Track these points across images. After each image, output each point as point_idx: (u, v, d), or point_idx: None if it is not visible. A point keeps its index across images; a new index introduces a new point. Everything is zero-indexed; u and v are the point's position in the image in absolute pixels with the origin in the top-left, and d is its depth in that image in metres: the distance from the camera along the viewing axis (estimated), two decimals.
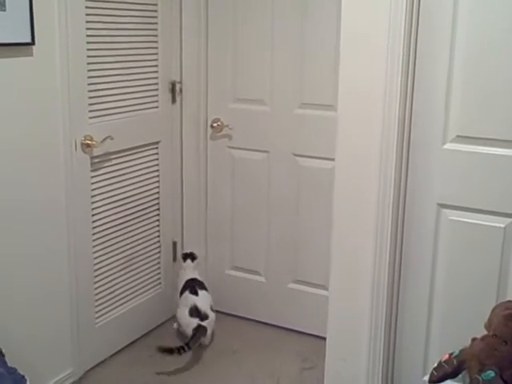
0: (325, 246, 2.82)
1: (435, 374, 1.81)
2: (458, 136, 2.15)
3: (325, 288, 2.75)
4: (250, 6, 2.97)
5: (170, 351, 2.77)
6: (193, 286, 3.02)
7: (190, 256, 3.11)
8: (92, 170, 2.63)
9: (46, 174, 2.42)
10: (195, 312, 2.92)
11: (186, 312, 2.93)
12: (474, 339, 1.78)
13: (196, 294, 2.99)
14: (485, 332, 1.79)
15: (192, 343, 2.82)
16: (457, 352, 1.79)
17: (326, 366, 2.46)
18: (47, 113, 2.39)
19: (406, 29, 2.09)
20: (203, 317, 2.91)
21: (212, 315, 2.98)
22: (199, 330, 2.87)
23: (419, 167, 2.22)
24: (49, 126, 2.40)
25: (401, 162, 2.22)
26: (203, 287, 3.05)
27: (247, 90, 3.08)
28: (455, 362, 1.76)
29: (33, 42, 2.26)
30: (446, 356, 1.81)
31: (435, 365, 1.83)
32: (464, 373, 1.77)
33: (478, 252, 2.17)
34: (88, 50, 2.53)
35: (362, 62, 2.17)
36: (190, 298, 2.98)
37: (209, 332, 2.95)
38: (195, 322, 2.89)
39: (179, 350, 2.76)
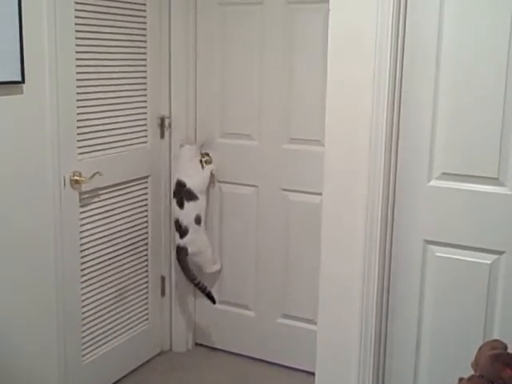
0: (314, 281, 2.80)
1: None
2: (443, 173, 2.17)
3: (314, 323, 2.74)
4: (238, 41, 3.01)
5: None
6: (180, 195, 2.98)
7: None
8: (81, 206, 2.64)
9: (34, 211, 2.42)
10: (177, 225, 2.99)
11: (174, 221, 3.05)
12: (460, 379, 1.77)
13: (181, 206, 2.97)
14: (472, 371, 1.79)
15: (186, 274, 2.96)
16: None
17: None
18: (36, 150, 2.40)
19: (390, 72, 2.13)
20: (183, 232, 2.94)
21: (194, 229, 2.96)
22: (179, 253, 2.96)
23: (405, 204, 2.24)
24: (38, 163, 2.41)
25: (387, 198, 2.24)
26: (191, 197, 2.98)
27: (235, 125, 3.11)
28: None
29: (23, 81, 2.28)
30: None
31: None
32: None
33: (464, 288, 2.18)
34: (78, 87, 2.56)
35: (348, 103, 2.20)
36: (175, 210, 3.00)
37: (192, 251, 2.98)
38: (177, 239, 2.99)
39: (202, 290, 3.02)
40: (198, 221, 2.99)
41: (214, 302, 3.08)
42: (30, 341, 2.45)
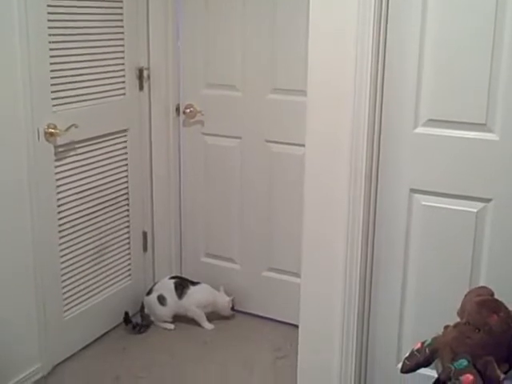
0: (299, 233, 2.75)
1: (407, 363, 1.77)
2: (429, 120, 2.11)
3: (299, 276, 2.70)
4: None
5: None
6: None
7: None
8: (56, 160, 2.56)
9: (8, 164, 2.34)
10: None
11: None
12: (446, 327, 1.75)
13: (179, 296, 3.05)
14: (458, 319, 1.77)
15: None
16: (429, 340, 1.76)
17: (299, 357, 2.42)
18: (7, 101, 2.31)
19: (375, 21, 2.04)
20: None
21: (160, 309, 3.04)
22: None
23: (390, 152, 2.18)
24: (9, 115, 2.32)
25: (372, 147, 2.18)
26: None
27: (219, 76, 3.04)
28: (427, 350, 1.73)
29: None
30: (419, 345, 1.77)
31: (407, 354, 1.80)
32: (436, 361, 1.74)
33: (450, 237, 2.15)
34: (50, 35, 2.45)
35: (331, 50, 2.12)
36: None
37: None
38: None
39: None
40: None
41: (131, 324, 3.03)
42: (7, 298, 2.40)
